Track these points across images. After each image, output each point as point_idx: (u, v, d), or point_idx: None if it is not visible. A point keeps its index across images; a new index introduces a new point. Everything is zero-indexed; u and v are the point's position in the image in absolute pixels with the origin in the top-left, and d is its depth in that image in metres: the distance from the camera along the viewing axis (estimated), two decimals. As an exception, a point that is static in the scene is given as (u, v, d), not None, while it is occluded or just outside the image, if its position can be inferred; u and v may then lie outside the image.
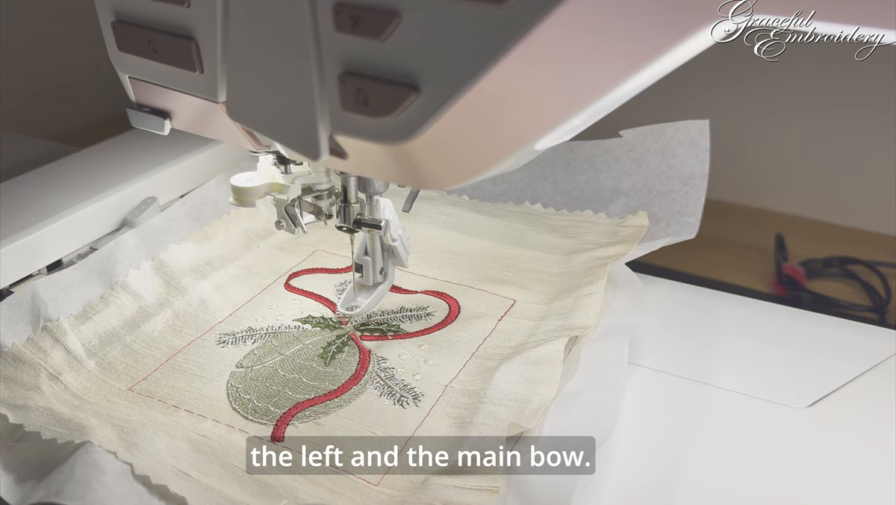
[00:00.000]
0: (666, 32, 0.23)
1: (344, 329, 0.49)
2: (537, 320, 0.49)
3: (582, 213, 0.60)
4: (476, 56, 0.25)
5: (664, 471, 0.38)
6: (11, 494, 0.36)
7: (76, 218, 0.54)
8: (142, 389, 0.44)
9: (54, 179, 0.58)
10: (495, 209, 0.62)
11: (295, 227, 0.45)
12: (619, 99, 0.26)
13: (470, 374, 0.45)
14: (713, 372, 0.45)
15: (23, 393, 0.42)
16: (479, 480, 0.35)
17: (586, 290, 0.49)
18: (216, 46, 0.33)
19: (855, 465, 0.39)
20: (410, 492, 0.36)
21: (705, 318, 0.51)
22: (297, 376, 0.45)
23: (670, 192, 0.57)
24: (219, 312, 0.51)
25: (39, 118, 0.84)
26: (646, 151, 0.59)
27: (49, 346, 0.45)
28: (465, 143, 0.28)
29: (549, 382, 0.42)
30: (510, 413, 0.40)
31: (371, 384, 0.44)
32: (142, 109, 0.40)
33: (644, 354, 0.47)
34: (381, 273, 0.48)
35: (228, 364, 0.46)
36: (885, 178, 0.69)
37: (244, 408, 0.43)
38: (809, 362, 0.46)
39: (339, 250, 0.59)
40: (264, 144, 0.38)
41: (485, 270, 0.55)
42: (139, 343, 0.48)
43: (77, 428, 0.39)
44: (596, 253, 0.54)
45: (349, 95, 0.29)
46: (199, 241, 0.57)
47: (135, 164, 0.60)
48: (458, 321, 0.50)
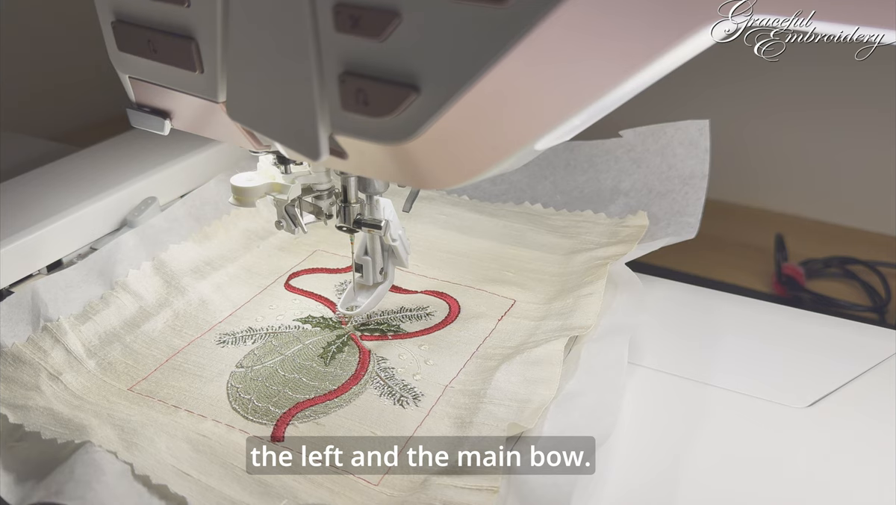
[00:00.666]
0: (666, 32, 0.23)
1: (344, 329, 0.49)
2: (537, 320, 0.49)
3: (582, 213, 0.60)
4: (476, 56, 0.25)
5: (664, 471, 0.38)
6: (11, 493, 0.36)
7: (76, 218, 0.54)
8: (142, 389, 0.44)
9: (54, 179, 0.58)
10: (495, 209, 0.62)
11: (295, 227, 0.45)
12: (619, 99, 0.26)
13: (470, 374, 0.45)
14: (713, 372, 0.45)
15: (23, 393, 0.42)
16: (479, 480, 0.35)
17: (586, 290, 0.49)
18: (216, 46, 0.33)
19: (855, 465, 0.39)
20: (410, 492, 0.36)
21: (705, 318, 0.51)
22: (297, 376, 0.45)
23: (670, 192, 0.57)
24: (219, 312, 0.51)
25: (39, 118, 0.84)
26: (646, 151, 0.59)
27: (49, 346, 0.45)
28: (465, 143, 0.28)
29: (549, 382, 0.42)
30: (510, 413, 0.40)
31: (371, 384, 0.44)
32: (142, 109, 0.40)
33: (644, 354, 0.47)
34: (381, 273, 0.48)
35: (228, 364, 0.46)
36: (885, 178, 0.69)
37: (244, 408, 0.43)
38: (809, 362, 0.46)
39: (339, 250, 0.59)
40: (264, 144, 0.38)
41: (485, 270, 0.55)
42: (139, 343, 0.48)
43: (77, 428, 0.39)
44: (596, 253, 0.54)
45: (349, 95, 0.29)
46: (199, 241, 0.57)
47: (135, 164, 0.60)
48: (458, 321, 0.50)
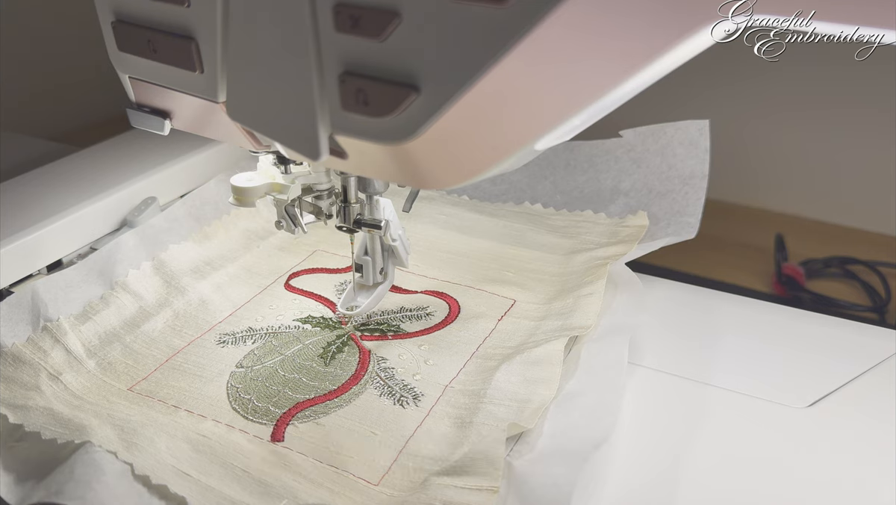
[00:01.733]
0: (666, 32, 0.23)
1: (344, 329, 0.49)
2: (537, 320, 0.49)
3: (582, 213, 0.60)
4: (476, 56, 0.25)
5: (664, 471, 0.38)
6: (11, 493, 0.36)
7: (76, 218, 0.54)
8: (142, 389, 0.44)
9: (54, 179, 0.59)
10: (495, 209, 0.62)
11: (295, 227, 0.45)
12: (619, 99, 0.26)
13: (470, 374, 0.45)
14: (713, 372, 0.45)
15: (23, 393, 0.42)
16: (479, 480, 0.35)
17: (586, 290, 0.49)
18: (216, 46, 0.33)
19: (855, 465, 0.39)
20: (410, 492, 0.36)
21: (705, 318, 0.51)
22: (297, 376, 0.45)
23: (670, 192, 0.57)
24: (219, 312, 0.51)
25: (39, 118, 0.84)
26: (646, 151, 0.59)
27: (49, 346, 0.46)
28: (465, 143, 0.28)
29: (549, 382, 0.42)
30: (510, 413, 0.40)
31: (371, 384, 0.44)
32: (142, 109, 0.40)
33: (644, 353, 0.47)
34: (381, 273, 0.48)
35: (228, 364, 0.46)
36: (885, 178, 0.69)
37: (244, 408, 0.43)
38: (809, 362, 0.46)
39: (339, 250, 0.59)
40: (264, 144, 0.38)
41: (485, 270, 0.55)
42: (139, 343, 0.48)
43: (77, 428, 0.39)
44: (596, 253, 0.54)
45: (349, 95, 0.29)
46: (199, 241, 0.57)
47: (135, 164, 0.60)
48: (458, 321, 0.50)
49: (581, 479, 0.35)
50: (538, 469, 0.36)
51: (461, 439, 0.40)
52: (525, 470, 0.36)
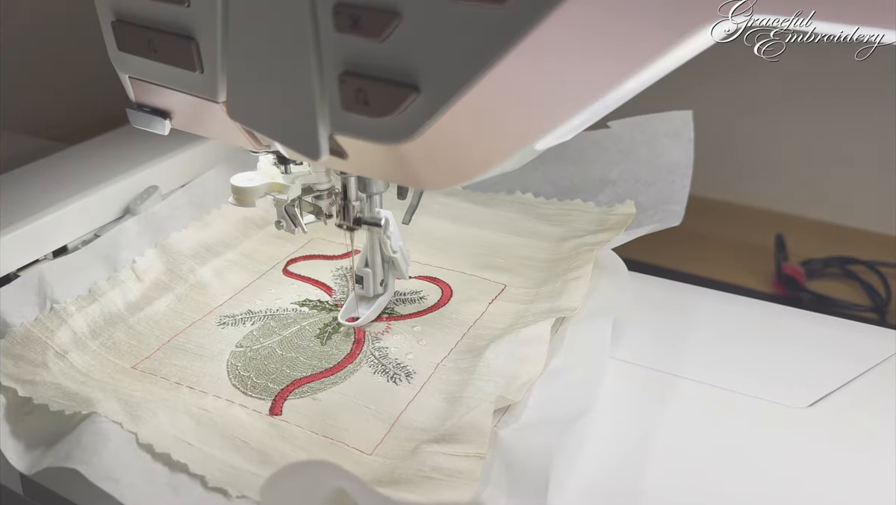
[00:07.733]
0: (666, 32, 0.23)
1: (340, 312, 0.51)
2: (526, 303, 0.51)
3: (571, 202, 0.61)
4: (476, 56, 0.25)
5: (663, 471, 0.38)
6: (21, 461, 0.37)
7: (81, 206, 0.55)
8: (145, 368, 0.46)
9: (59, 169, 0.60)
10: (487, 199, 0.64)
11: (295, 227, 0.46)
12: (620, 99, 0.26)
13: (461, 353, 0.47)
14: (713, 372, 0.45)
15: (31, 369, 0.44)
16: (467, 447, 0.37)
17: (574, 273, 0.51)
18: (216, 46, 0.33)
19: (855, 465, 0.38)
20: (402, 459, 0.38)
21: (705, 318, 0.50)
22: (294, 355, 0.47)
23: (657, 182, 0.58)
24: (219, 296, 0.53)
25: (39, 118, 0.84)
26: (633, 142, 0.60)
27: (55, 326, 0.47)
28: (465, 143, 0.28)
29: (535, 359, 0.43)
30: (498, 388, 0.42)
31: (366, 362, 0.46)
32: (142, 109, 0.41)
33: (641, 352, 0.47)
34: (381, 284, 0.49)
35: (228, 344, 0.48)
36: (885, 179, 0.68)
37: (243, 384, 0.44)
38: (809, 362, 0.45)
39: (336, 238, 0.60)
40: (264, 144, 0.38)
41: (477, 257, 0.57)
42: (142, 324, 0.50)
43: (83, 400, 0.40)
44: (584, 240, 0.56)
45: (349, 95, 0.29)
46: (200, 228, 0.58)
47: (137, 154, 0.62)
48: (450, 304, 0.52)
49: (562, 447, 0.37)
50: (522, 437, 0.38)
51: (451, 413, 0.41)
52: (510, 438, 0.38)
